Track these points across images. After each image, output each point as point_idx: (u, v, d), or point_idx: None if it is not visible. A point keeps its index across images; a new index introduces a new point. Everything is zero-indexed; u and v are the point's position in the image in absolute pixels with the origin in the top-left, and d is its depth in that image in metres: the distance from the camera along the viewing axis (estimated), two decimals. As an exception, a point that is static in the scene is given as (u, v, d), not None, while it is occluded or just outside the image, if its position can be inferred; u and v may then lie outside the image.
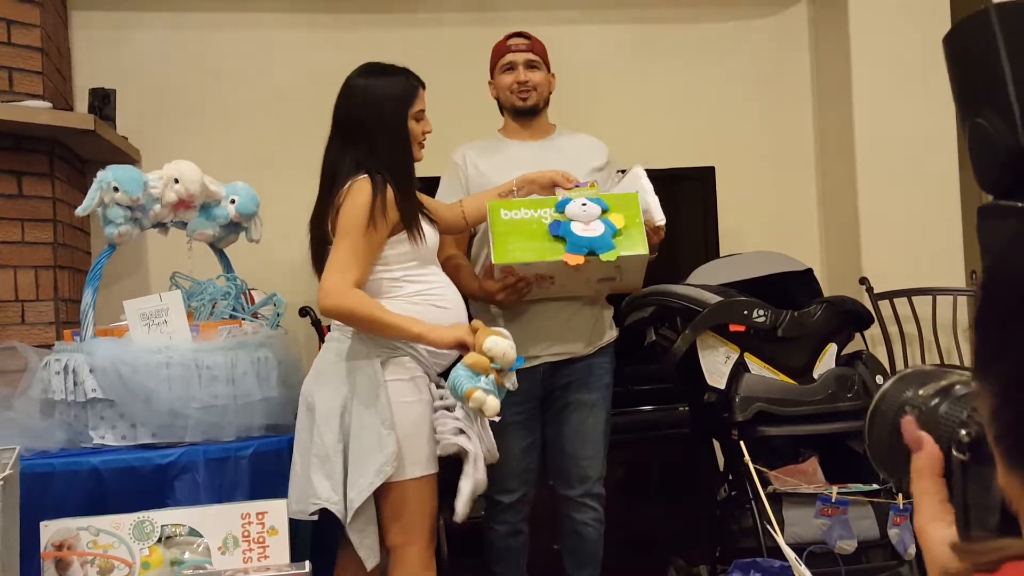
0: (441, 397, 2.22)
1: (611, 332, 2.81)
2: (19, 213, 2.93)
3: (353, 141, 2.26)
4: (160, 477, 2.22)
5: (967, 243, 3.80)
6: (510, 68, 2.79)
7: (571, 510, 2.75)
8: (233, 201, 2.61)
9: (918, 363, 3.65)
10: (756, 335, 2.69)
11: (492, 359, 2.11)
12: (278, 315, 2.62)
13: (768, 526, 2.36)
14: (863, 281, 3.63)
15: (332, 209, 2.23)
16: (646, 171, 2.68)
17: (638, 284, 2.63)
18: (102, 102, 3.23)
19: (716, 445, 3.03)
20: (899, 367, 3.62)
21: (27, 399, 2.35)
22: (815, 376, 2.74)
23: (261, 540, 2.08)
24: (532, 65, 2.79)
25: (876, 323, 3.35)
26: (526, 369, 2.66)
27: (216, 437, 2.31)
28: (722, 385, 2.68)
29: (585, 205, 2.46)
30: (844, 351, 2.87)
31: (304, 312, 3.24)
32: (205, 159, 2.61)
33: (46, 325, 2.95)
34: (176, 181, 2.46)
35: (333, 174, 2.27)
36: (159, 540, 2.04)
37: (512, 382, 2.18)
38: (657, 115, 3.79)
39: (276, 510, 2.11)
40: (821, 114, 3.97)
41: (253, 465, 2.30)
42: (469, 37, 3.70)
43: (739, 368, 2.69)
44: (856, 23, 3.72)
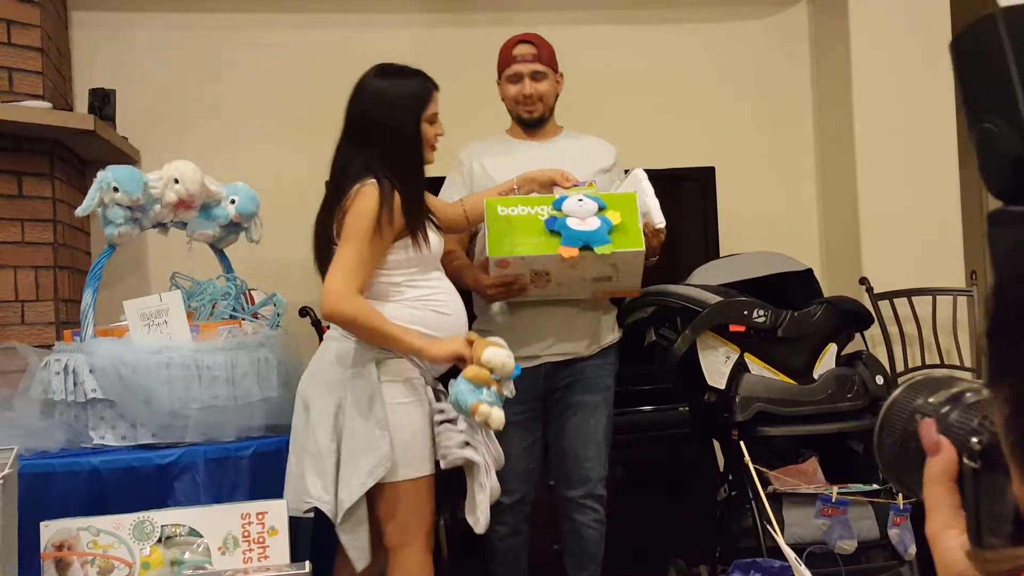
0: (441, 410, 2.21)
1: (614, 334, 2.81)
2: (19, 213, 2.93)
3: (365, 142, 2.24)
4: (160, 477, 2.22)
5: (967, 243, 3.80)
6: (516, 79, 2.76)
7: (572, 511, 2.75)
8: (233, 201, 2.61)
9: (918, 363, 3.65)
10: (756, 335, 2.69)
11: (492, 370, 2.11)
12: (278, 315, 2.62)
13: (768, 526, 2.36)
14: (863, 281, 3.63)
15: (339, 211, 2.21)
16: (646, 172, 2.68)
17: (636, 286, 2.61)
18: (102, 102, 3.23)
19: (716, 445, 3.03)
20: (899, 367, 3.62)
21: (27, 399, 2.35)
22: (815, 376, 2.74)
23: (261, 540, 2.08)
24: (538, 76, 2.76)
25: (876, 323, 3.35)
26: (527, 369, 2.65)
27: (216, 437, 2.31)
28: (722, 385, 2.67)
29: (581, 201, 2.45)
30: (844, 351, 2.86)
31: (304, 312, 3.23)
32: (205, 159, 2.61)
33: (46, 325, 2.95)
34: (176, 181, 2.46)
35: (342, 175, 2.25)
36: (159, 540, 2.04)
37: (510, 389, 2.19)
38: (657, 115, 3.78)
39: (276, 510, 2.11)
40: (821, 114, 3.97)
41: (253, 465, 2.31)
42: (470, 37, 3.70)
43: (739, 368, 2.69)
44: (856, 23, 3.72)
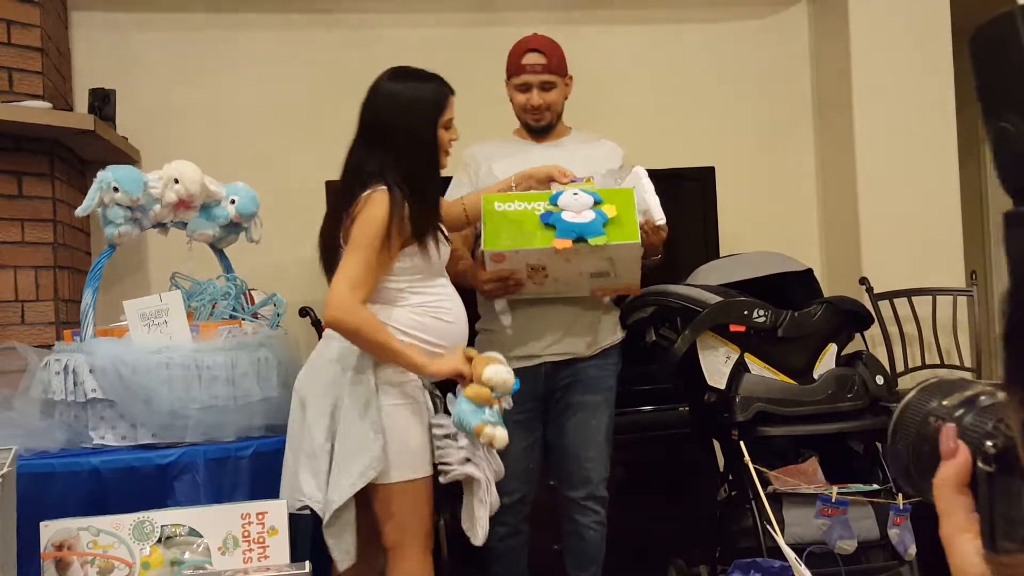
0: (441, 424, 2.21)
1: (615, 334, 2.80)
2: (19, 213, 2.93)
3: (379, 146, 2.22)
4: (160, 477, 2.22)
5: (967, 243, 3.80)
6: (524, 88, 2.75)
7: (573, 512, 2.74)
8: (233, 201, 2.61)
9: (918, 363, 3.65)
10: (756, 335, 2.68)
11: (492, 388, 2.10)
12: (278, 315, 2.62)
13: (768, 526, 2.36)
14: (863, 281, 3.63)
15: (347, 215, 2.19)
16: (647, 171, 2.68)
17: (635, 282, 2.59)
18: (102, 102, 3.23)
19: (716, 445, 3.03)
20: (899, 367, 3.62)
21: (27, 399, 2.35)
22: (815, 376, 2.74)
23: (261, 540, 2.08)
24: (547, 86, 2.74)
25: (876, 323, 3.35)
26: (528, 368, 2.66)
27: (216, 437, 2.31)
28: (722, 385, 2.67)
29: (577, 195, 2.45)
30: (844, 351, 2.86)
31: (304, 312, 3.24)
32: (205, 159, 2.61)
33: (46, 325, 2.95)
34: (176, 181, 2.46)
35: (354, 178, 2.23)
36: (159, 540, 2.04)
37: (508, 402, 2.18)
38: (657, 115, 3.78)
39: (276, 510, 2.11)
40: (821, 114, 3.97)
41: (253, 465, 2.31)
42: (470, 36, 3.70)
43: (739, 368, 2.69)
44: (856, 23, 3.72)
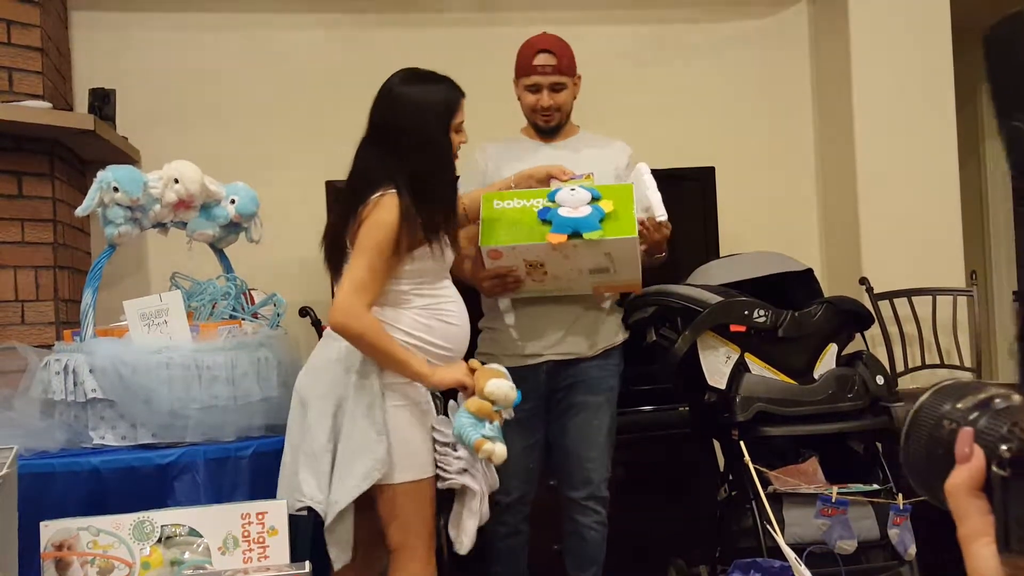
0: (441, 431, 2.20)
1: (618, 335, 2.80)
2: (19, 213, 2.93)
3: (390, 149, 2.20)
4: (160, 477, 2.22)
5: (967, 243, 3.80)
6: (535, 89, 2.73)
7: (574, 512, 2.74)
8: (233, 201, 2.61)
9: (918, 363, 3.65)
10: (757, 335, 2.68)
11: (494, 402, 2.10)
12: (278, 315, 2.62)
13: (768, 526, 2.36)
14: (863, 281, 3.63)
15: (355, 218, 2.17)
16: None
17: (635, 280, 2.58)
18: (102, 102, 3.23)
19: (716, 445, 3.03)
20: (899, 367, 3.62)
21: (27, 399, 2.34)
22: (815, 376, 2.74)
23: (261, 540, 2.08)
24: (557, 87, 2.73)
25: (876, 323, 3.34)
26: (529, 367, 2.66)
27: (216, 437, 2.31)
28: (722, 385, 2.67)
29: (574, 190, 2.45)
30: (844, 351, 2.86)
31: (304, 312, 3.24)
32: (205, 159, 2.61)
33: (46, 325, 2.95)
34: (176, 181, 2.46)
35: (363, 180, 2.21)
36: (159, 540, 2.04)
37: (510, 414, 2.17)
38: (657, 115, 3.78)
39: (276, 510, 2.11)
40: (821, 114, 3.97)
41: (253, 465, 2.31)
42: (472, 37, 3.70)
43: (739, 368, 2.69)
44: (856, 23, 3.72)
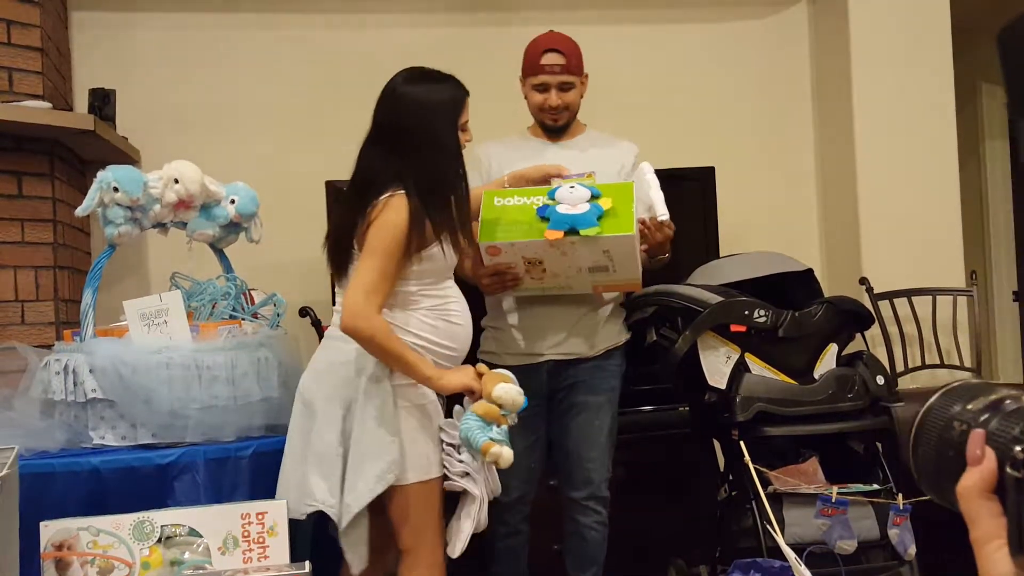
0: (447, 432, 2.19)
1: (620, 336, 2.80)
2: (19, 213, 2.93)
3: (397, 150, 2.18)
4: (160, 477, 2.22)
5: (967, 243, 3.80)
6: (543, 88, 2.72)
7: (575, 512, 2.74)
8: (233, 201, 2.61)
9: (918, 363, 3.65)
10: (757, 335, 2.68)
11: (501, 406, 2.09)
12: (278, 315, 2.62)
13: (768, 526, 2.36)
14: (863, 281, 3.63)
15: (363, 219, 2.15)
16: (649, 170, 2.68)
17: (635, 279, 2.57)
18: (102, 102, 3.23)
19: (716, 445, 3.03)
20: (899, 367, 3.62)
21: (27, 399, 2.34)
22: (816, 376, 2.74)
23: (261, 540, 2.08)
24: (566, 87, 2.72)
25: (876, 323, 3.34)
26: (531, 366, 2.66)
27: (216, 437, 2.31)
28: (723, 385, 2.67)
29: (573, 188, 2.45)
30: (845, 351, 2.86)
31: (304, 312, 3.23)
32: (205, 159, 2.61)
33: (46, 325, 2.95)
34: (176, 181, 2.46)
35: (370, 181, 2.19)
36: (159, 540, 2.04)
37: (514, 420, 2.16)
38: (657, 115, 3.78)
39: (276, 510, 2.11)
40: (821, 114, 3.97)
41: (253, 465, 2.30)
42: (473, 37, 3.70)
43: (740, 368, 2.69)
44: (856, 23, 3.72)
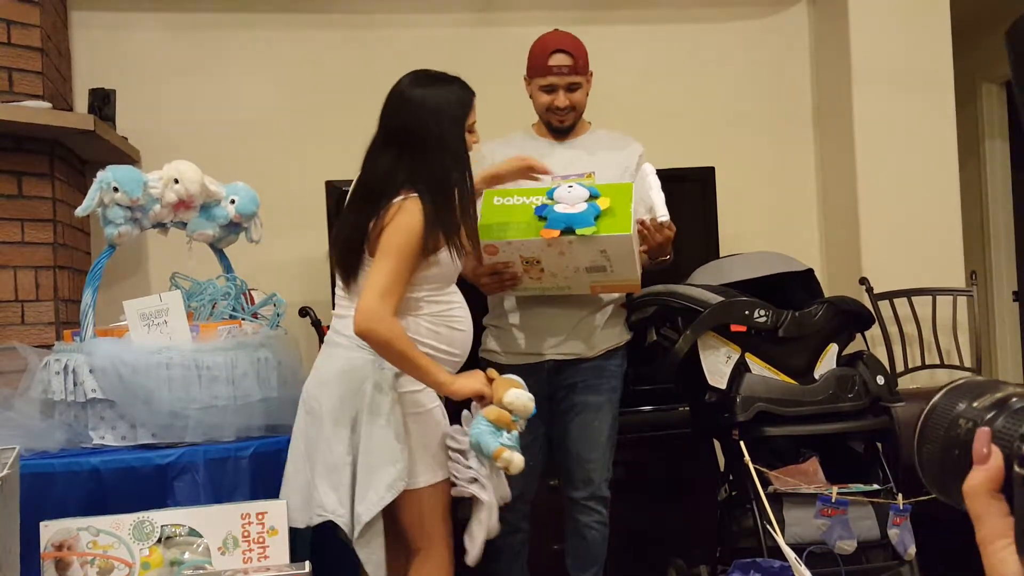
0: (455, 438, 2.18)
1: (622, 336, 2.80)
2: (19, 213, 2.93)
3: (407, 153, 2.17)
4: (160, 477, 2.22)
5: (967, 243, 3.80)
6: (550, 89, 2.71)
7: (575, 512, 2.74)
8: (233, 201, 2.61)
9: (918, 363, 3.65)
10: (757, 335, 2.68)
11: (512, 412, 2.09)
12: (278, 315, 2.62)
13: (768, 526, 2.36)
14: (863, 281, 3.63)
15: (375, 223, 2.14)
16: (650, 170, 2.68)
17: (633, 279, 2.57)
18: (102, 102, 3.23)
19: (716, 445, 3.03)
20: (899, 367, 3.62)
21: (27, 399, 2.34)
22: (816, 376, 2.74)
23: (261, 540, 2.08)
24: (573, 87, 2.71)
25: (876, 323, 3.34)
26: (531, 366, 2.66)
27: (216, 437, 2.31)
28: (723, 385, 2.67)
29: (571, 188, 2.45)
30: (845, 351, 2.86)
31: (304, 312, 3.23)
32: (205, 159, 2.61)
33: (46, 325, 2.95)
34: (176, 181, 2.46)
35: (381, 184, 2.18)
36: (159, 540, 2.04)
37: (522, 426, 2.16)
38: (657, 115, 3.78)
39: (276, 510, 2.11)
40: (821, 114, 3.97)
41: (253, 465, 2.30)
42: (472, 37, 3.70)
43: (740, 368, 2.69)
44: (856, 23, 3.71)
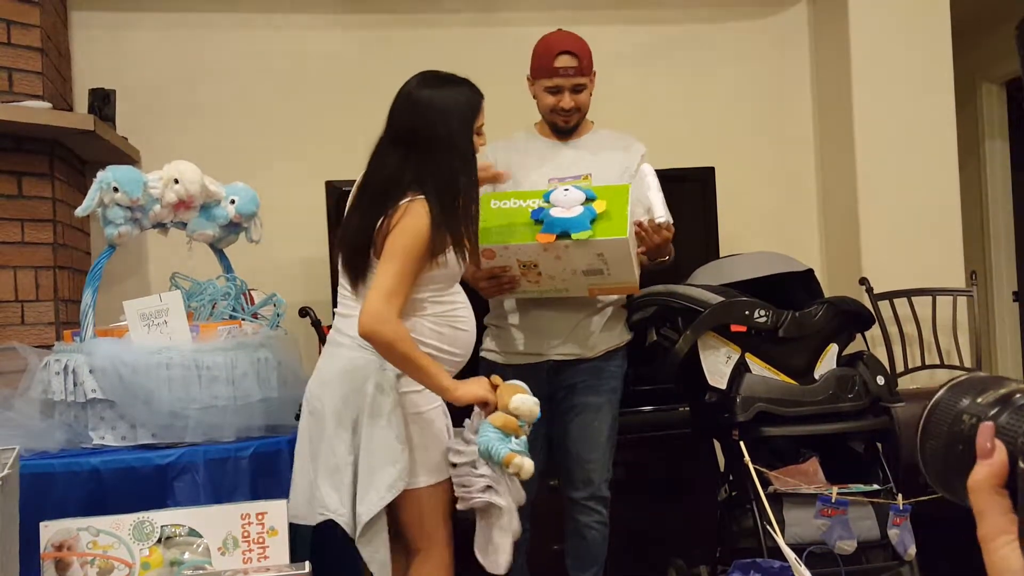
0: (459, 451, 2.18)
1: (622, 336, 2.80)
2: (19, 213, 2.93)
3: (415, 155, 2.16)
4: (160, 478, 2.22)
5: (967, 243, 3.80)
6: (556, 91, 2.70)
7: (576, 512, 2.74)
8: (233, 202, 2.61)
9: (918, 363, 3.65)
10: (757, 335, 2.69)
11: (518, 417, 2.08)
12: (278, 315, 2.62)
13: (768, 526, 2.36)
14: (863, 281, 3.63)
15: (382, 223, 2.13)
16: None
17: (631, 281, 2.56)
18: (102, 102, 3.23)
19: (716, 445, 3.03)
20: (899, 368, 3.62)
21: (27, 400, 2.35)
22: (816, 376, 2.74)
23: (261, 540, 2.08)
24: (579, 89, 2.70)
25: (876, 323, 3.34)
26: (531, 366, 2.67)
27: (216, 438, 2.31)
28: (723, 385, 2.67)
29: (568, 191, 2.45)
30: (845, 351, 2.86)
31: (304, 312, 3.23)
32: (205, 159, 2.61)
33: (46, 325, 2.95)
34: (176, 181, 2.46)
35: (388, 184, 2.17)
36: (159, 540, 2.04)
37: (527, 432, 2.15)
38: (657, 115, 3.78)
39: (276, 510, 2.11)
40: (821, 114, 3.97)
41: (253, 466, 2.31)
42: (472, 37, 3.70)
43: (740, 368, 2.69)
44: (856, 23, 3.71)
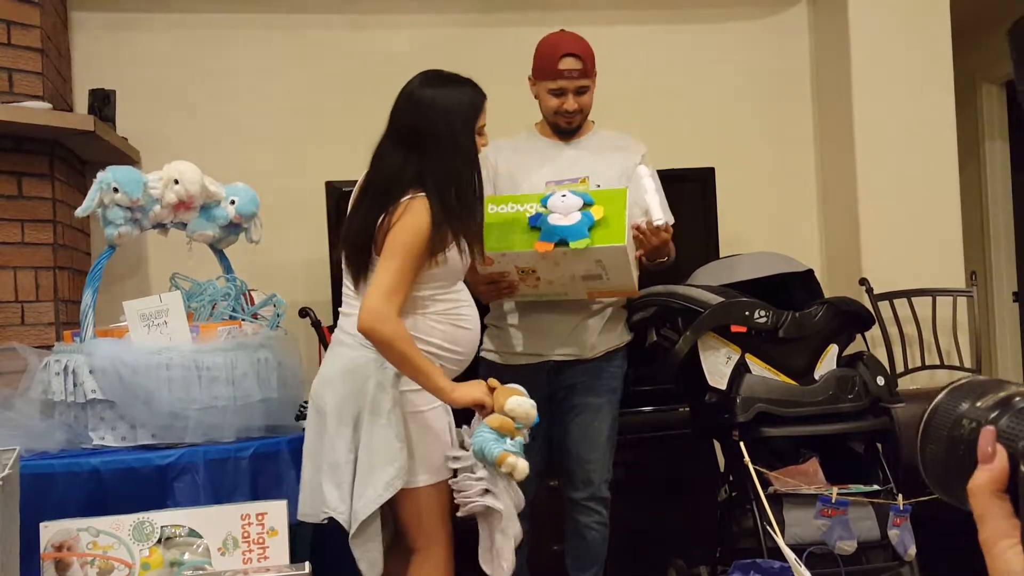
0: (456, 457, 2.18)
1: (622, 337, 2.79)
2: (19, 214, 2.93)
3: (417, 153, 2.17)
4: (160, 478, 2.22)
5: (967, 243, 3.80)
6: (559, 93, 2.69)
7: (576, 512, 2.75)
8: (233, 202, 2.61)
9: (918, 364, 3.65)
10: (757, 336, 2.69)
11: (514, 419, 2.09)
12: (278, 316, 2.62)
13: (768, 527, 2.36)
14: (863, 282, 3.63)
15: (383, 221, 2.15)
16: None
17: (629, 285, 2.56)
18: (102, 103, 3.23)
19: (716, 445, 3.03)
20: (899, 368, 3.62)
21: (27, 400, 2.35)
22: (816, 377, 2.74)
23: (261, 541, 2.08)
24: (582, 91, 2.70)
25: (876, 324, 3.34)
26: (531, 366, 2.66)
27: (216, 438, 2.31)
28: (723, 386, 2.67)
29: (565, 196, 2.44)
30: (845, 352, 2.86)
31: (304, 313, 3.23)
32: (205, 159, 2.61)
33: (46, 326, 2.95)
34: (176, 182, 2.46)
35: (389, 183, 2.18)
36: (159, 541, 2.04)
37: (526, 436, 2.15)
38: (657, 115, 3.78)
39: (276, 511, 2.11)
40: (821, 114, 3.97)
41: (253, 466, 2.31)
42: (472, 37, 3.70)
43: (740, 369, 2.69)
44: (856, 23, 3.71)
